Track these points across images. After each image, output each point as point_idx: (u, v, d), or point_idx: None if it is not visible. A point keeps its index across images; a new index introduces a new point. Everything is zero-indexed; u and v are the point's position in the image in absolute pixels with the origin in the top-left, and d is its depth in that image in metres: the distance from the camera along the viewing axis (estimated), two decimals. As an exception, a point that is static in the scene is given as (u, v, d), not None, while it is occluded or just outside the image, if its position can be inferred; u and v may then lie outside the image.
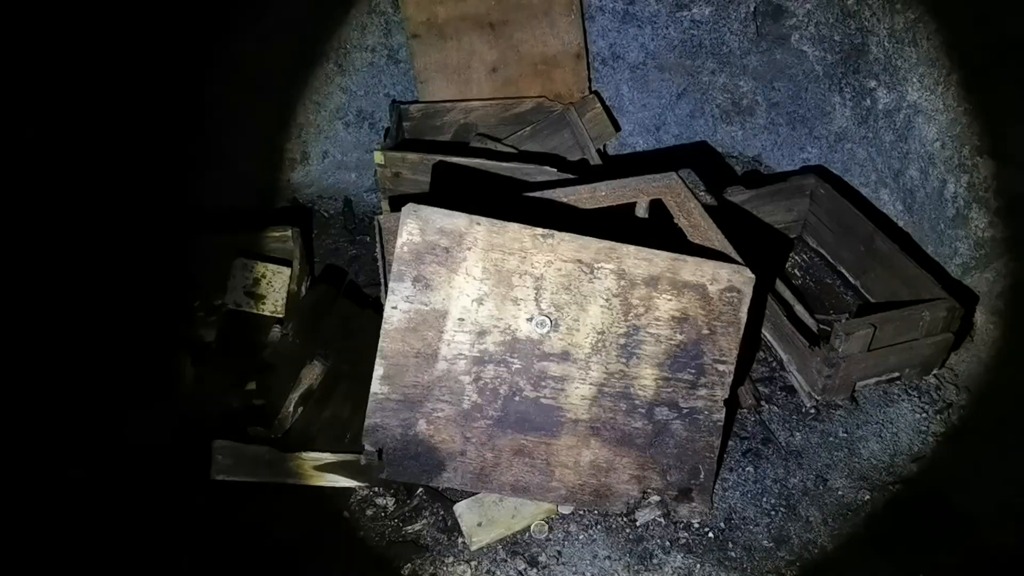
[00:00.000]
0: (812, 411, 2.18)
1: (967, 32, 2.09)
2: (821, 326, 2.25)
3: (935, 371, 2.23)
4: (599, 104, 2.98)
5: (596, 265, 1.86)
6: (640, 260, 1.87)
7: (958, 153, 2.18)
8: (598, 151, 2.93)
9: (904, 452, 2.07)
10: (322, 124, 3.03)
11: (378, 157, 2.59)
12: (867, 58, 2.51)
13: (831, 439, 2.11)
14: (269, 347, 2.12)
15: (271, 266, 2.30)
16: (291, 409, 2.00)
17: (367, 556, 1.86)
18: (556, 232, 1.84)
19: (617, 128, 3.09)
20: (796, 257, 2.69)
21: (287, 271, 2.32)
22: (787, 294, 2.32)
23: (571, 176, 2.44)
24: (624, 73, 3.08)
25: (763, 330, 2.38)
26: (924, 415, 2.15)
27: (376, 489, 1.99)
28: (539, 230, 1.83)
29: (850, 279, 2.52)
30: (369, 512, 1.95)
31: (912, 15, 2.25)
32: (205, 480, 1.86)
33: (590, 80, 3.01)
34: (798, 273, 2.63)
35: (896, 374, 2.19)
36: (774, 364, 2.34)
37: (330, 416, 2.05)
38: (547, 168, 2.50)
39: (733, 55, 3.01)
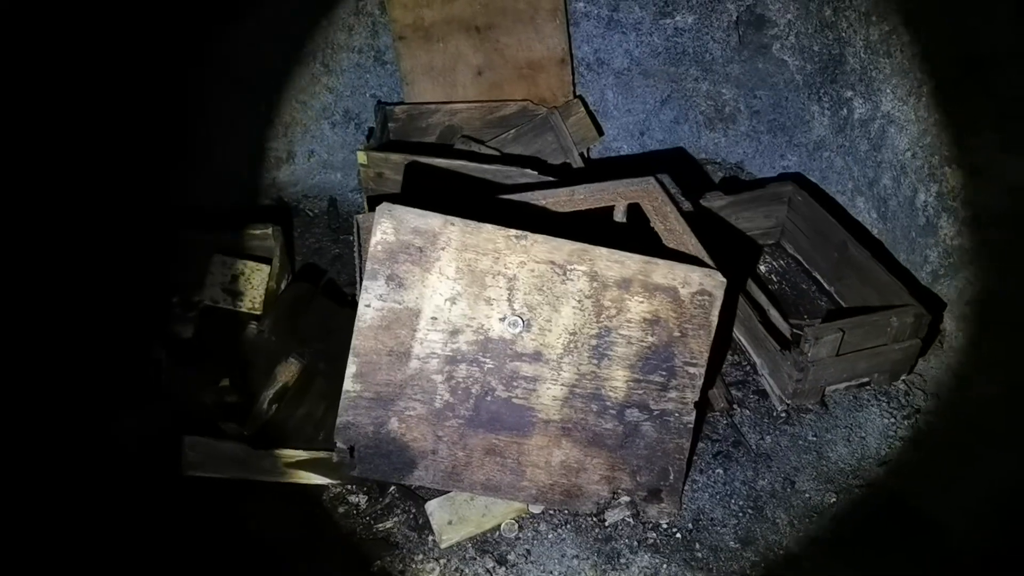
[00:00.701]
0: (783, 415, 2.21)
1: (938, 45, 2.13)
2: (795, 331, 2.28)
3: (904, 377, 2.26)
4: (583, 108, 3.01)
5: (569, 267, 1.88)
6: (612, 262, 1.89)
7: (928, 163, 2.21)
8: (581, 155, 2.96)
9: (871, 456, 2.10)
10: (308, 123, 3.05)
11: (361, 157, 2.60)
12: (844, 68, 2.54)
13: (800, 442, 2.14)
14: (245, 344, 2.13)
15: (250, 263, 2.32)
16: (265, 406, 2.01)
17: (338, 553, 1.87)
18: (529, 234, 1.86)
19: (600, 132, 3.11)
20: (774, 263, 2.72)
21: (266, 268, 2.34)
22: (762, 299, 2.35)
23: (550, 179, 2.46)
24: (609, 78, 3.11)
25: (738, 334, 2.41)
26: (892, 420, 2.18)
27: (349, 487, 2.00)
28: (512, 231, 1.85)
29: (825, 285, 2.55)
30: (341, 509, 1.97)
31: (887, 27, 2.29)
32: (177, 476, 1.87)
33: (574, 85, 3.04)
34: (775, 278, 2.66)
35: (866, 379, 2.22)
36: (748, 368, 2.36)
37: (304, 414, 2.06)
38: (528, 171, 2.53)
39: (716, 63, 3.04)
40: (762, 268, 2.71)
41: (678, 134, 3.28)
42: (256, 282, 2.30)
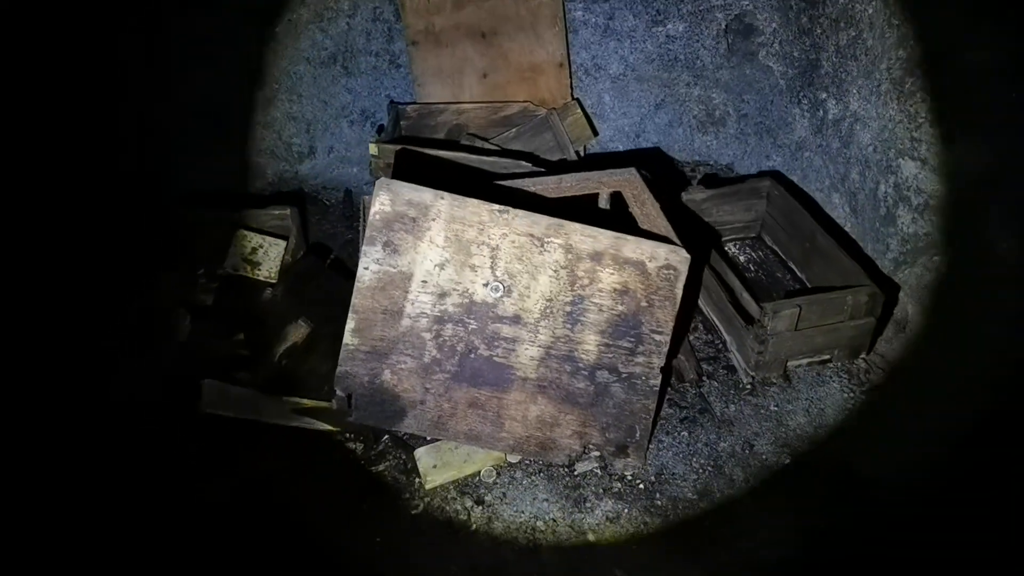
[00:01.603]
0: (748, 387, 2.39)
1: (890, 47, 2.31)
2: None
3: (864, 355, 2.42)
4: (580, 110, 3.24)
5: (546, 239, 2.10)
6: (586, 237, 2.10)
7: (886, 156, 2.39)
8: (577, 153, 3.18)
9: (828, 425, 2.26)
10: (329, 121, 3.31)
11: (372, 149, 2.86)
12: (819, 72, 2.74)
13: (762, 411, 2.31)
14: (260, 306, 2.38)
15: (268, 238, 2.59)
16: (275, 360, 2.25)
17: (334, 489, 2.09)
18: (511, 208, 2.08)
19: (595, 132, 3.34)
20: (753, 254, 2.90)
21: (282, 244, 2.60)
22: (735, 283, 2.53)
23: (541, 169, 2.69)
24: (606, 83, 3.34)
25: (712, 315, 2.60)
26: (851, 395, 2.34)
27: (348, 434, 2.23)
28: (496, 206, 2.08)
29: (798, 273, 2.73)
30: (339, 454, 2.19)
31: (853, 32, 2.49)
32: (194, 417, 2.12)
33: (572, 87, 3.27)
34: (752, 267, 2.84)
35: (827, 356, 2.39)
36: (720, 346, 2.55)
37: (309, 370, 2.30)
38: (522, 163, 2.76)
39: (706, 69, 3.25)
40: (741, 258, 2.89)
41: (672, 136, 3.48)
42: (273, 255, 2.56)
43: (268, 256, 2.56)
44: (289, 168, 3.38)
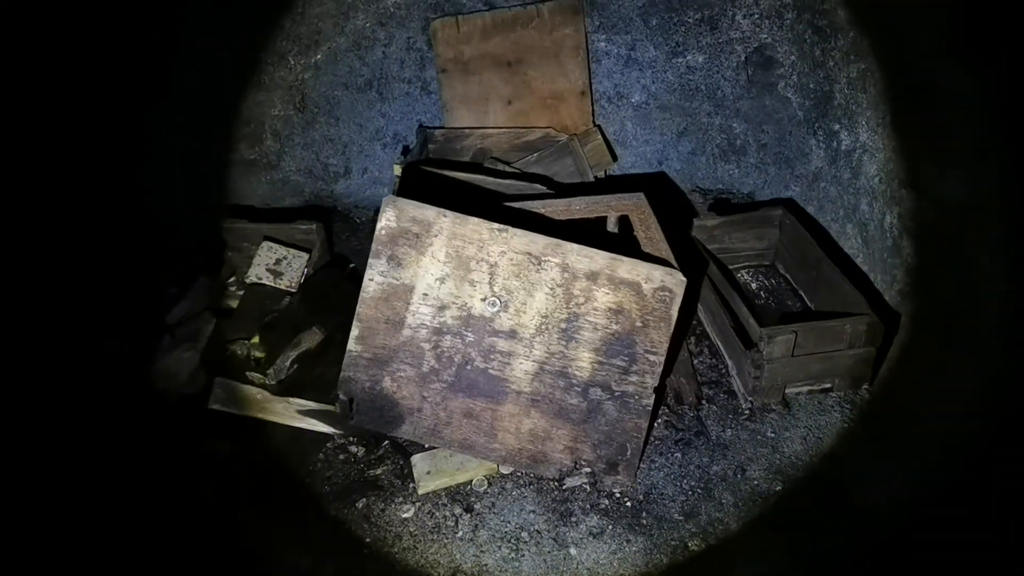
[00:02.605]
0: (747, 412, 2.39)
1: (894, 79, 2.33)
2: (765, 337, 2.46)
3: (866, 386, 2.39)
4: (600, 136, 3.33)
5: (544, 258, 2.18)
6: (582, 257, 2.18)
7: (890, 187, 2.39)
8: (596, 178, 3.26)
9: (824, 454, 2.24)
10: (363, 144, 3.49)
11: (396, 170, 3.01)
12: (832, 103, 2.76)
13: (759, 437, 2.31)
14: (277, 312, 2.53)
15: (292, 250, 2.75)
16: (287, 364, 2.39)
17: (332, 489, 2.20)
18: (510, 227, 2.18)
19: (615, 158, 3.41)
20: (765, 281, 2.91)
21: (305, 256, 2.76)
22: (741, 308, 2.55)
23: (551, 192, 2.78)
24: (628, 111, 3.42)
25: (716, 340, 2.62)
26: (851, 425, 2.32)
27: (350, 438, 2.34)
28: (496, 224, 2.18)
29: (807, 301, 2.72)
30: (341, 457, 2.30)
31: (863, 65, 2.51)
32: (204, 410, 2.28)
33: (594, 115, 3.37)
34: (763, 295, 2.85)
35: (828, 384, 2.38)
36: (723, 370, 2.56)
37: (319, 375, 2.43)
38: (536, 185, 2.85)
39: (727, 99, 3.30)
40: (753, 285, 2.90)
41: (695, 165, 3.52)
42: (296, 266, 2.72)
43: (291, 267, 2.72)
44: (325, 187, 3.56)
